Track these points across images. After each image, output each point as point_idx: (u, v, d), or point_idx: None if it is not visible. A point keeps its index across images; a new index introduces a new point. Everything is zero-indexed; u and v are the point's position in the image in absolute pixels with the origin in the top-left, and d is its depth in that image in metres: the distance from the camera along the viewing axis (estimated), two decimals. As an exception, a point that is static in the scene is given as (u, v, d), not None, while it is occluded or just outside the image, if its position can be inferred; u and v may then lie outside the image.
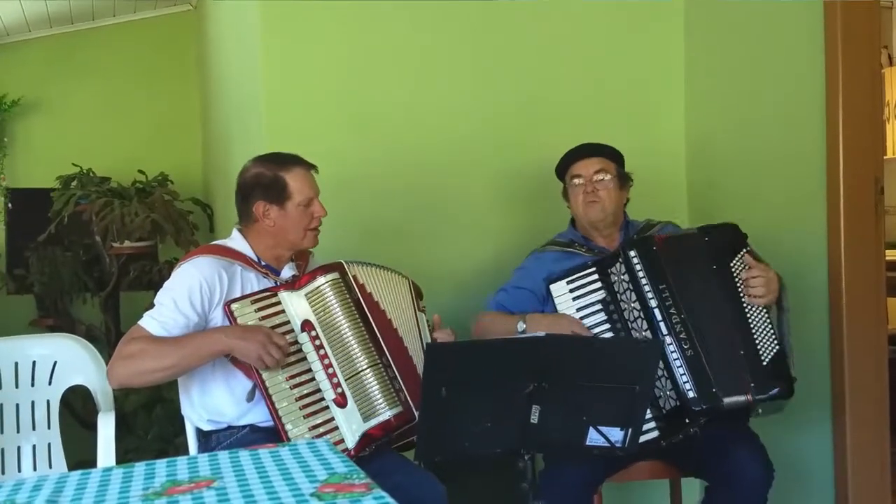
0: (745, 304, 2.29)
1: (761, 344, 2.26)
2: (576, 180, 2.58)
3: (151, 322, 2.13)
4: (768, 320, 2.29)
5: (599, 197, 2.53)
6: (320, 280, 2.22)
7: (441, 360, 1.86)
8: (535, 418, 1.90)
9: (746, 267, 2.32)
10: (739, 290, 2.31)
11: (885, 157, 3.07)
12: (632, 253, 2.33)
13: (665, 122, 3.32)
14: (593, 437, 1.96)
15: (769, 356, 2.25)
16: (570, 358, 1.94)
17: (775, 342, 2.27)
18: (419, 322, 2.36)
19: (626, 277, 2.33)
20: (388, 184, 3.01)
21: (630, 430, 1.97)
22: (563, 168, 2.64)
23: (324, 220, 2.32)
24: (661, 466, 2.45)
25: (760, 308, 2.30)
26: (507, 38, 3.16)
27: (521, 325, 2.43)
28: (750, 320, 2.29)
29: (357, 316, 2.23)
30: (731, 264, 2.33)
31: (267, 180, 2.24)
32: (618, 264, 2.35)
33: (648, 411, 2.23)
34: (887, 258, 2.88)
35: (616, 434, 1.96)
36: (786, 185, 2.84)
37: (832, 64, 2.62)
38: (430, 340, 2.33)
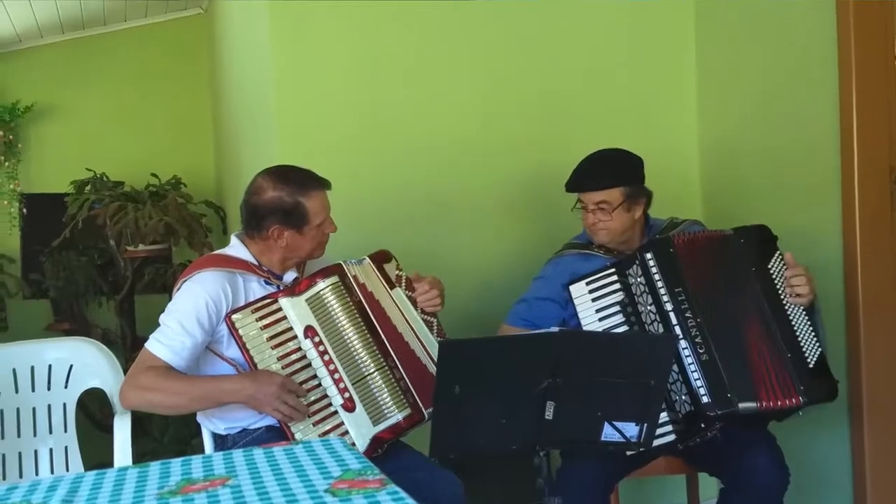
0: (786, 306, 2.27)
1: (806, 346, 2.23)
2: (579, 204, 2.55)
3: (160, 348, 2.11)
4: (809, 322, 2.26)
5: (604, 225, 2.50)
6: (320, 285, 2.20)
7: (454, 357, 1.85)
8: (549, 414, 1.88)
9: (784, 267, 2.30)
10: (780, 291, 2.28)
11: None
12: (648, 255, 2.31)
13: (678, 118, 3.31)
14: (608, 433, 1.95)
15: (814, 358, 2.22)
16: (584, 353, 1.92)
17: (818, 345, 2.25)
18: (397, 301, 2.32)
19: (642, 280, 2.31)
20: (397, 183, 3.02)
21: (645, 425, 1.96)
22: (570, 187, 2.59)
23: (333, 217, 2.31)
24: (678, 462, 2.44)
25: (801, 309, 2.27)
26: (519, 39, 3.16)
27: None
28: (793, 322, 2.26)
29: (360, 318, 2.22)
30: (770, 266, 2.30)
31: (287, 206, 2.19)
32: (634, 266, 2.33)
33: (665, 414, 2.22)
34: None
35: (631, 429, 1.95)
36: (800, 175, 2.82)
37: (845, 54, 2.60)
38: (413, 313, 2.32)
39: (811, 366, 2.22)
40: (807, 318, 2.27)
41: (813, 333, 2.25)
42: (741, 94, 3.09)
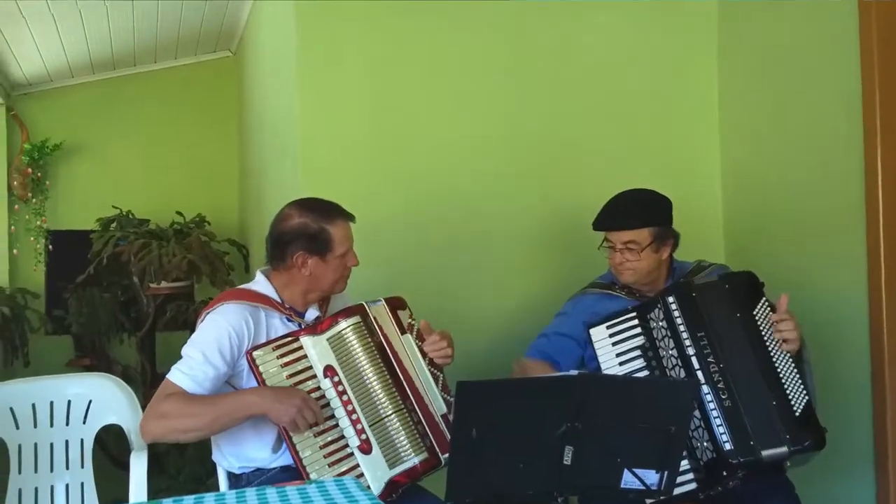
0: (772, 353, 2.24)
1: (792, 393, 2.20)
2: (606, 243, 2.53)
3: (182, 377, 2.10)
4: (796, 370, 2.24)
5: (631, 265, 2.48)
6: (342, 324, 2.20)
7: (472, 399, 1.83)
8: (568, 459, 1.86)
9: (769, 314, 2.28)
10: (765, 337, 2.25)
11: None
12: (670, 299, 2.30)
13: (700, 158, 3.32)
14: (628, 480, 1.92)
15: (800, 406, 2.19)
16: (604, 397, 1.90)
17: (804, 392, 2.21)
18: (406, 348, 2.29)
19: (664, 324, 2.29)
20: (420, 225, 3.03)
21: (666, 472, 1.92)
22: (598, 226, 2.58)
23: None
24: (697, 511, 2.40)
25: (788, 357, 2.24)
26: (540, 80, 3.18)
27: None
28: (779, 369, 2.23)
29: (380, 360, 2.21)
30: (755, 312, 2.28)
31: (312, 231, 2.21)
32: (656, 310, 2.32)
33: (686, 462, 2.18)
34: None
35: (651, 477, 1.92)
36: (825, 212, 2.79)
37: (869, 93, 2.58)
38: (421, 362, 2.29)
39: (797, 414, 2.18)
40: (794, 365, 2.24)
41: (800, 381, 2.22)
42: (764, 132, 3.08)
